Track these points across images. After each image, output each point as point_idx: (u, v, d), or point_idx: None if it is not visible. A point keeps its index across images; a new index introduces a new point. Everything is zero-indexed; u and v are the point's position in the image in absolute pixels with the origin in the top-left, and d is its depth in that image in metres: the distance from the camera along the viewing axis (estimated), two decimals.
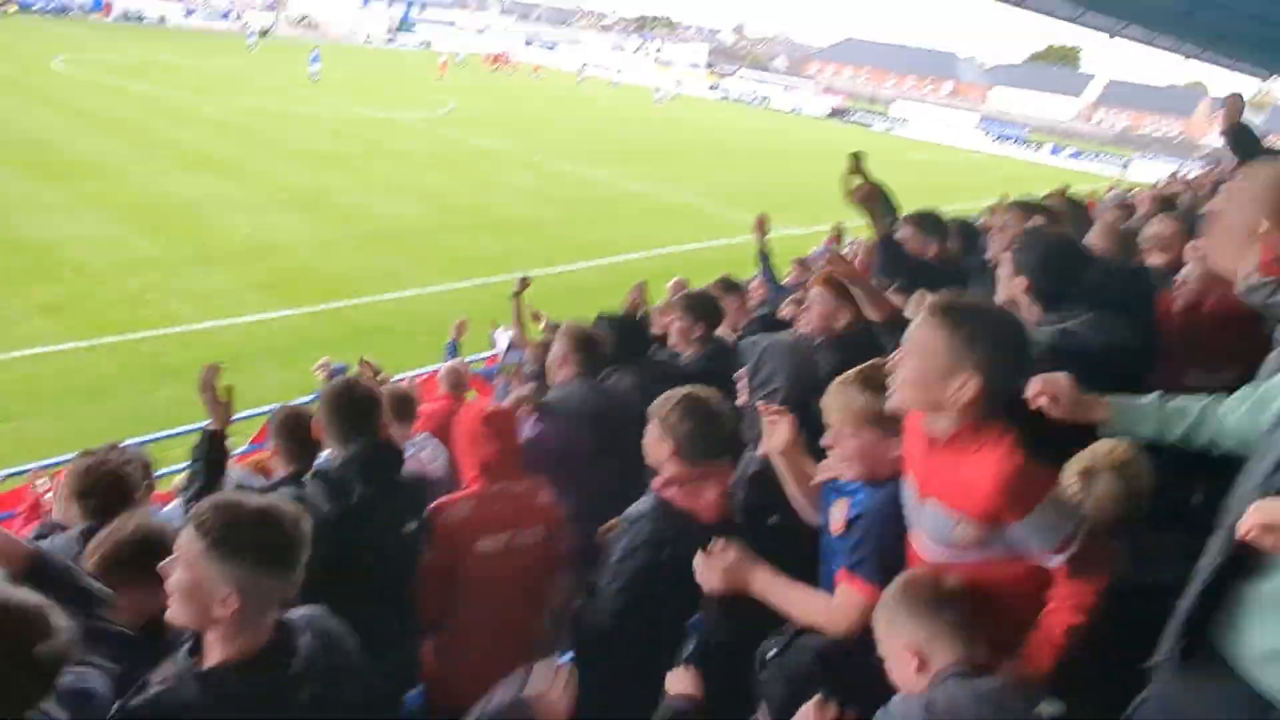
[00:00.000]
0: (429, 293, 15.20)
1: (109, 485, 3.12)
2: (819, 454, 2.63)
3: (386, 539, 3.17)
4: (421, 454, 4.73)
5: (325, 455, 3.49)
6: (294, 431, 3.63)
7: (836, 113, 64.06)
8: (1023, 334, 2.26)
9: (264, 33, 55.12)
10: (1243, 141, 4.92)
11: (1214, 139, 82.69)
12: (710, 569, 2.52)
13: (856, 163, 3.99)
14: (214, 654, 1.96)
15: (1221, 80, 64.97)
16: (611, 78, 63.27)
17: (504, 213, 21.34)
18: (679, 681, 2.31)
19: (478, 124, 34.37)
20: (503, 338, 8.67)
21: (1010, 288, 3.27)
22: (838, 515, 2.47)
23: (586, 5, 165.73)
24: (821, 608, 2.44)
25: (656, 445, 2.96)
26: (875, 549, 2.37)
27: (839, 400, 2.43)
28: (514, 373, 6.60)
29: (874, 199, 3.98)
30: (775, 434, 2.72)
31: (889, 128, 61.01)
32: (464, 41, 74.76)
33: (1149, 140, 73.78)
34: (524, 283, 7.17)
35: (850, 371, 2.49)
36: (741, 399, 3.69)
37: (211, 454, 3.20)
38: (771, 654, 2.53)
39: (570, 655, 3.03)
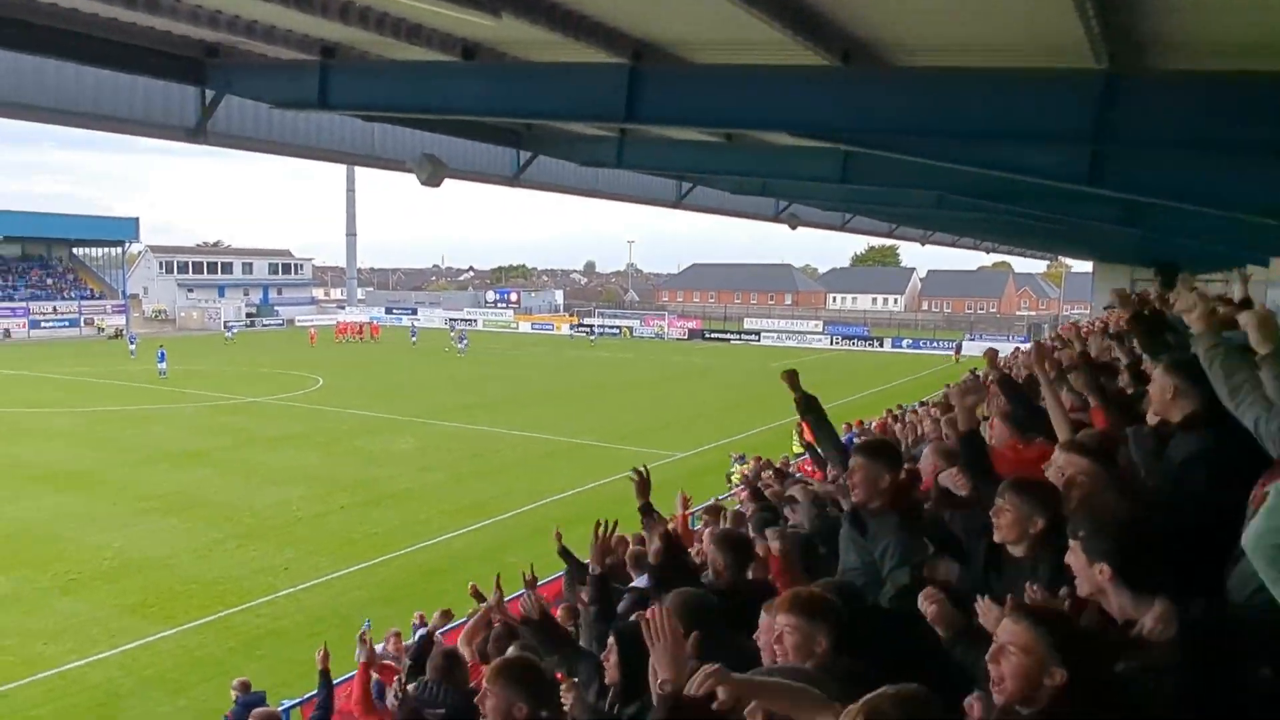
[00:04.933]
0: (325, 581, 14.43)
1: None
2: None
3: None
4: None
5: None
6: None
7: (695, 334, 68.26)
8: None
9: (117, 334, 54.38)
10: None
11: (1026, 312, 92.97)
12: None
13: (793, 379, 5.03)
14: None
15: (1022, 261, 73.43)
16: (463, 330, 64.17)
17: (391, 484, 20.91)
18: None
19: (348, 395, 34.33)
20: None
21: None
22: None
23: (445, 263, 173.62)
24: None
25: None
26: None
27: None
28: None
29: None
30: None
31: (745, 342, 65.40)
32: (326, 316, 76.07)
33: (972, 321, 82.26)
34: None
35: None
36: None
37: None
38: None
39: None
